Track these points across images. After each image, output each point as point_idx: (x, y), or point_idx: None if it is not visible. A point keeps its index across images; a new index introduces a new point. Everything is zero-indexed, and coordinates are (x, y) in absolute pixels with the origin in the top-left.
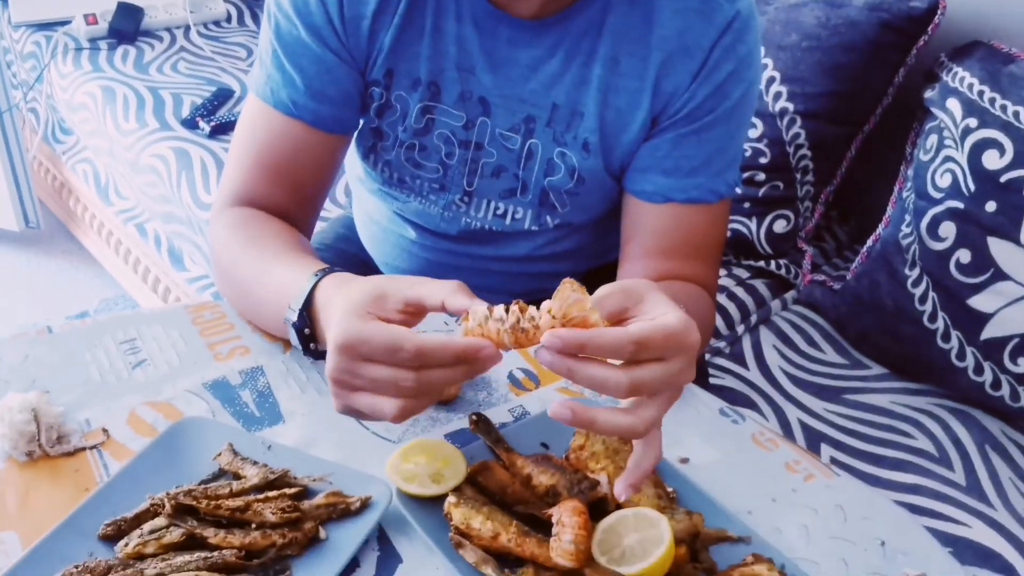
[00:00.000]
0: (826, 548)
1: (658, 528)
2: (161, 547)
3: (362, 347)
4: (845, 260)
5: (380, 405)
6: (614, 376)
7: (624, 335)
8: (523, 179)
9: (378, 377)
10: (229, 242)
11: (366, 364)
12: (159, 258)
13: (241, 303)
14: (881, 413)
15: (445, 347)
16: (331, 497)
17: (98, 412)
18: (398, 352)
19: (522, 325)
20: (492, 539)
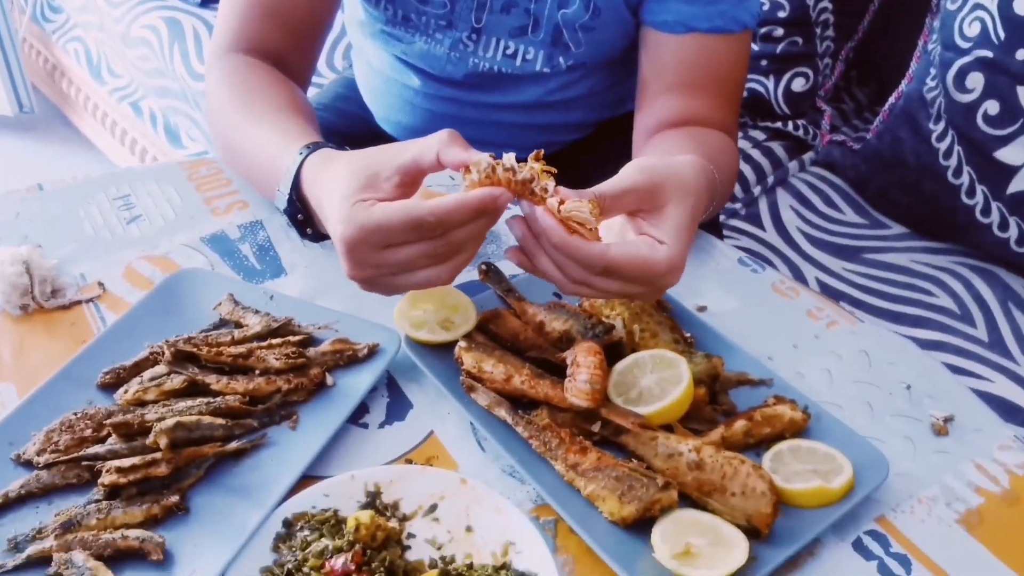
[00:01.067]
0: (850, 392)
1: (676, 369)
2: (162, 394)
3: (376, 236)
4: (865, 122)
5: (428, 275)
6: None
7: (599, 257)
8: (535, 14)
9: (406, 258)
10: (223, 100)
11: (387, 251)
12: (156, 137)
13: (236, 166)
14: (901, 272)
15: (462, 205)
16: (338, 344)
17: (93, 267)
18: (420, 226)
19: (534, 187)
20: (504, 382)
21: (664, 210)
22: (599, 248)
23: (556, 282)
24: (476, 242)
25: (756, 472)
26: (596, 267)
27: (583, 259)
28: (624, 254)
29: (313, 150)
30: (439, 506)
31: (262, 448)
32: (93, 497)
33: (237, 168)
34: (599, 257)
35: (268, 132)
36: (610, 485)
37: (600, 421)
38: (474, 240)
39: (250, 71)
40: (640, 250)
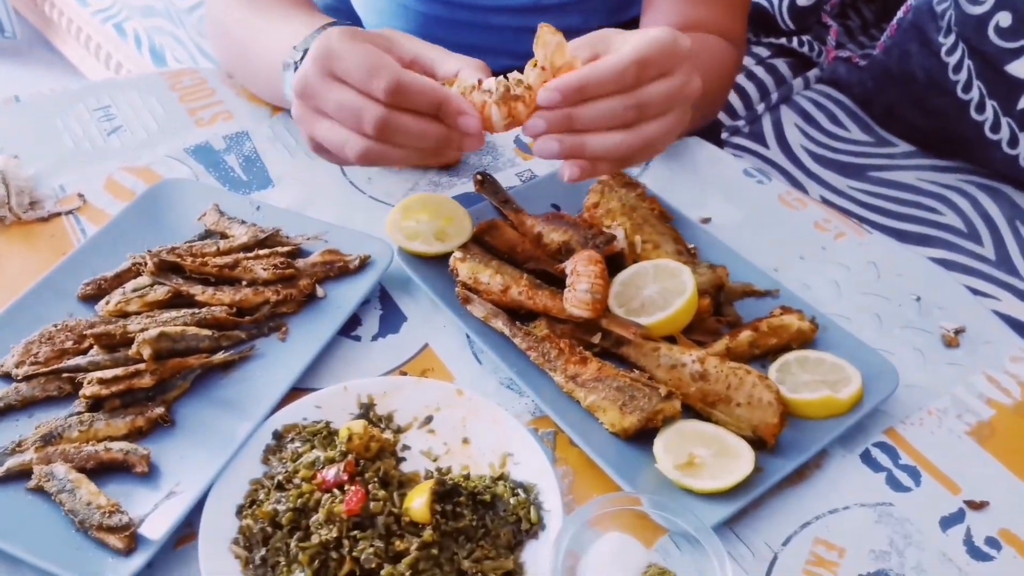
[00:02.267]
0: (858, 303)
1: (680, 278)
2: (145, 305)
3: (337, 62)
4: (871, 38)
5: (342, 137)
6: (617, 105)
7: (621, 59)
8: None
9: (344, 102)
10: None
11: (335, 84)
12: (140, 58)
13: (239, 63)
14: (907, 190)
15: (425, 89)
16: (328, 255)
17: (73, 178)
18: (373, 76)
19: (513, 91)
20: (501, 293)
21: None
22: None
23: (620, 148)
24: (412, 145)
25: (762, 382)
26: (629, 71)
27: (612, 73)
28: (634, 44)
29: (335, 25)
30: (435, 418)
31: (250, 360)
32: (75, 410)
33: (241, 64)
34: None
35: (285, 23)
36: (611, 396)
37: (600, 332)
38: (412, 139)
39: None
40: (640, 36)
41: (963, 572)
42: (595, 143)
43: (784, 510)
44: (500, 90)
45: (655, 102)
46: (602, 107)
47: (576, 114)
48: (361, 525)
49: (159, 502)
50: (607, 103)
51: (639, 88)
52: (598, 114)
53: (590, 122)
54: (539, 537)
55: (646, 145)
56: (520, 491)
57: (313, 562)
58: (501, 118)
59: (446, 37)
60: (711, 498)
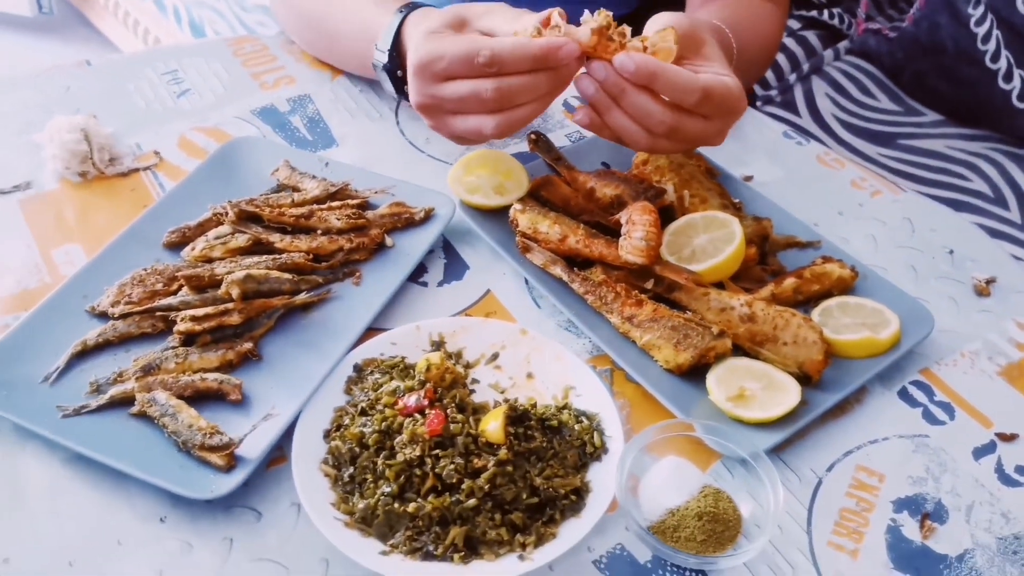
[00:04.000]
0: (894, 256)
1: (728, 228)
2: (228, 251)
3: (438, 64)
4: (899, 11)
5: (475, 123)
6: (659, 112)
7: (695, 80)
8: None
9: (459, 93)
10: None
11: (446, 83)
12: (180, 33)
13: (316, 39)
14: (936, 157)
15: (522, 48)
16: (395, 207)
17: (148, 137)
18: (473, 59)
19: (611, 33)
20: (560, 242)
21: (703, 50)
22: (690, 73)
23: (631, 137)
24: (533, 99)
25: (807, 323)
26: (694, 94)
27: (683, 85)
28: (713, 78)
29: (412, 9)
30: (500, 355)
31: (328, 302)
32: (170, 344)
33: (317, 40)
34: (696, 81)
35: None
36: (665, 335)
37: (654, 278)
38: (529, 94)
39: None
40: (721, 77)
41: (994, 496)
42: (618, 119)
43: (828, 440)
44: (601, 20)
45: (682, 134)
46: (649, 106)
47: (627, 91)
48: (442, 445)
49: (257, 423)
50: (654, 105)
51: (683, 114)
52: (641, 106)
53: (630, 104)
54: (602, 460)
55: (648, 149)
56: (584, 419)
57: (399, 477)
58: (588, 40)
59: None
60: (760, 427)
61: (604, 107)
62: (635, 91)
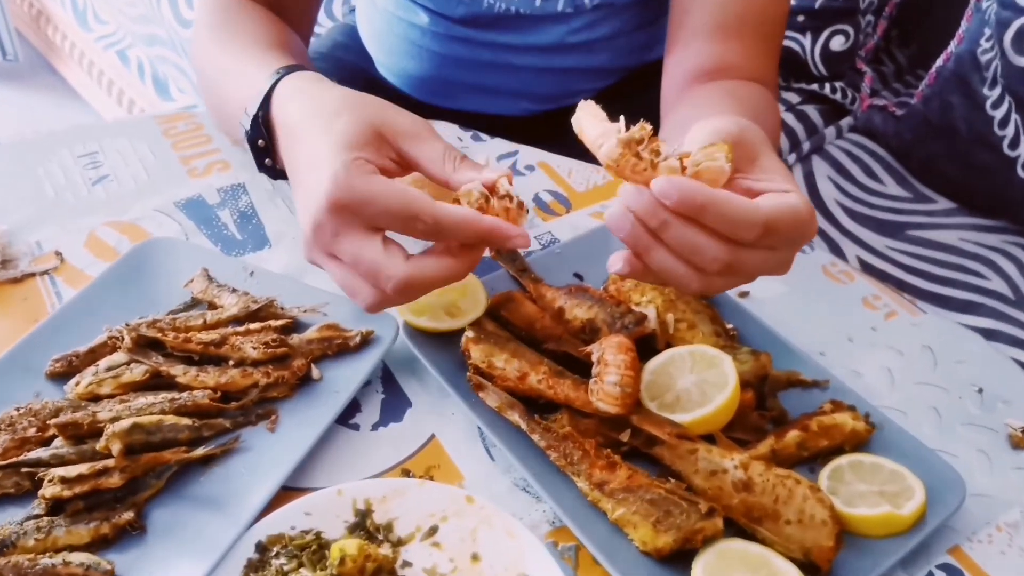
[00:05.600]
0: (914, 395)
1: (719, 368)
2: (119, 387)
3: (365, 210)
4: (906, 85)
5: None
6: (712, 248)
7: (755, 213)
8: None
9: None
10: (204, 37)
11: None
12: (143, 87)
13: (211, 104)
14: (949, 251)
15: (469, 223)
16: (326, 331)
17: (52, 233)
18: (411, 223)
19: (642, 149)
20: (518, 380)
21: (758, 161)
22: (749, 202)
23: (680, 280)
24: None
25: (814, 495)
26: (754, 229)
27: (741, 219)
28: (777, 207)
29: (293, 71)
30: (440, 528)
31: (234, 454)
32: (33, 512)
33: (212, 107)
34: (757, 213)
35: (246, 63)
36: (643, 510)
37: (630, 428)
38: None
39: (240, 10)
40: (785, 199)
41: None
42: (662, 260)
43: None
44: (635, 133)
45: (742, 270)
46: (698, 241)
47: (671, 224)
48: None
49: None
50: (705, 240)
51: (742, 248)
52: (689, 242)
53: (674, 239)
54: None
55: (702, 292)
56: None
57: None
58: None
59: (464, 79)
60: None
61: (644, 247)
62: (680, 223)
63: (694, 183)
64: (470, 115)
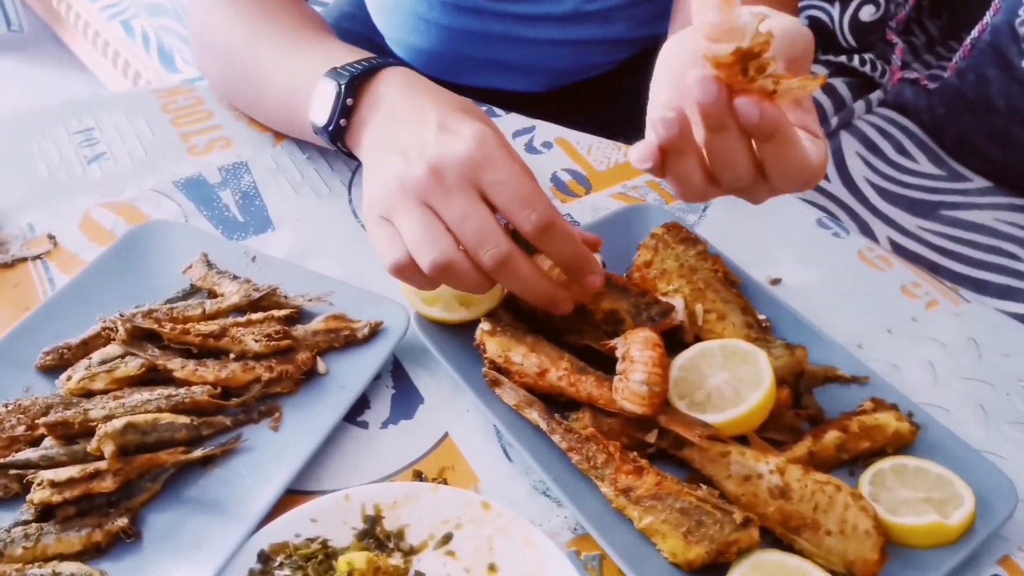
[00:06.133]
0: (958, 390)
1: (754, 365)
2: (113, 382)
3: (489, 172)
4: (937, 57)
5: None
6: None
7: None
8: None
9: (472, 218)
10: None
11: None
12: (148, 59)
13: (247, 94)
14: (984, 232)
15: (574, 239)
16: (332, 321)
17: (44, 215)
18: (526, 205)
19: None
20: (538, 376)
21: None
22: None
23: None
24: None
25: (857, 503)
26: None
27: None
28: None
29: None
30: (455, 536)
31: (235, 454)
32: (21, 517)
33: (253, 101)
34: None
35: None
36: (673, 519)
37: (658, 430)
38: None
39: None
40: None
41: None
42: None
43: None
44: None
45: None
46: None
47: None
48: None
49: None
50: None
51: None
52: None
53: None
54: None
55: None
56: None
57: None
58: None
59: (475, 54)
60: None
61: (678, 152)
62: (737, 134)
63: (780, 113)
64: (483, 91)
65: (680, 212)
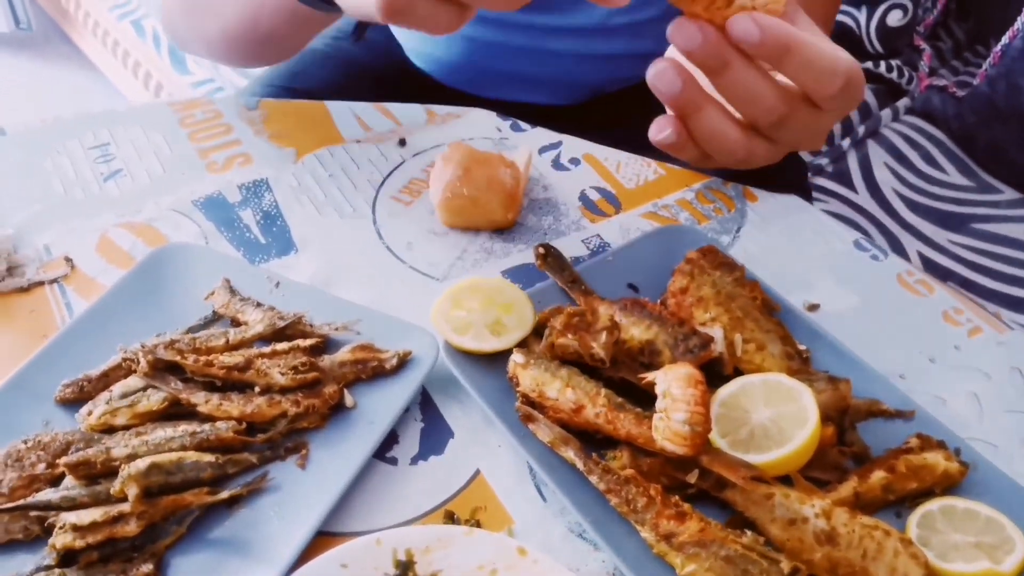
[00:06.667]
0: (1004, 424)
1: (798, 402)
2: (135, 417)
3: None
4: (964, 63)
5: None
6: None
7: (840, 61)
8: None
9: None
10: None
11: None
12: (159, 60)
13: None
14: (1017, 247)
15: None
16: (359, 352)
17: (61, 235)
18: None
19: None
20: (573, 412)
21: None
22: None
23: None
24: None
25: (907, 550)
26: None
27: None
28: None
29: None
30: None
31: (262, 493)
32: (43, 562)
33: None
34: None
35: None
36: (717, 567)
37: (699, 469)
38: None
39: None
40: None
41: None
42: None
43: None
44: None
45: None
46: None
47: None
48: None
49: None
50: (765, 86)
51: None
52: (749, 87)
53: (733, 84)
54: None
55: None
56: None
57: None
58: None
59: (498, 66)
60: None
61: (694, 107)
62: (743, 64)
63: (780, 22)
64: (507, 104)
65: (713, 234)
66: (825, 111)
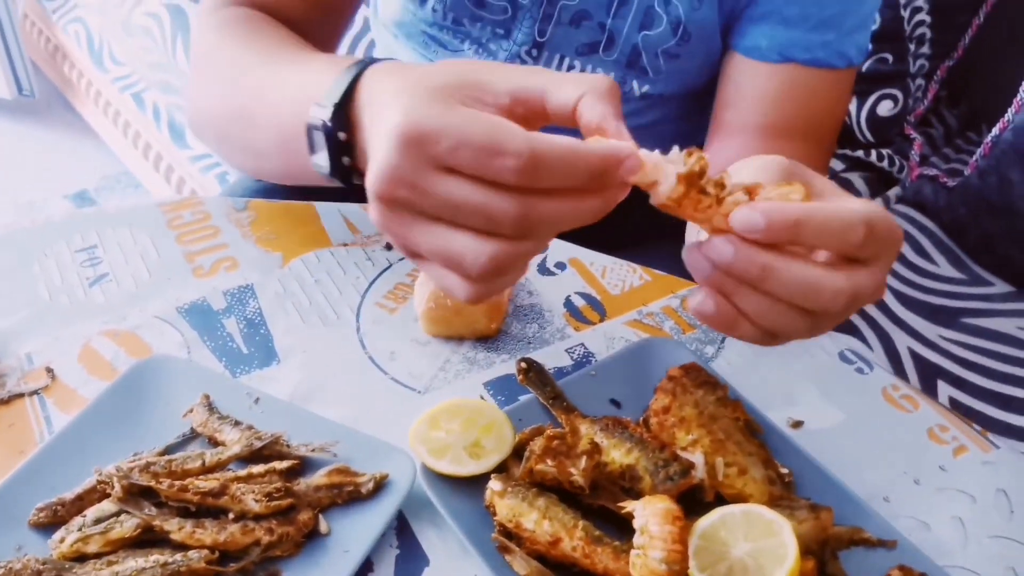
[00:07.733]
0: (989, 551)
1: (778, 537)
2: (108, 544)
3: (441, 142)
4: (956, 150)
5: (460, 246)
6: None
7: (852, 212)
8: (611, 30)
9: (459, 198)
10: (222, 40)
11: (441, 175)
12: (159, 133)
13: (231, 118)
14: (1009, 342)
15: (576, 154)
16: (335, 475)
17: (44, 343)
18: (498, 154)
19: (704, 183)
20: (550, 545)
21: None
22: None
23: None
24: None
25: None
26: (857, 230)
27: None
28: (867, 205)
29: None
30: None
31: None
32: None
33: (233, 120)
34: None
35: (297, 65)
36: None
37: None
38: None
39: (261, 19)
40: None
41: None
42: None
43: None
44: (693, 164)
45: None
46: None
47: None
48: None
49: None
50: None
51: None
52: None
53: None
54: None
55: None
56: None
57: None
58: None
59: None
60: None
61: (732, 287)
62: (785, 261)
63: (776, 203)
64: None
65: (698, 344)
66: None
